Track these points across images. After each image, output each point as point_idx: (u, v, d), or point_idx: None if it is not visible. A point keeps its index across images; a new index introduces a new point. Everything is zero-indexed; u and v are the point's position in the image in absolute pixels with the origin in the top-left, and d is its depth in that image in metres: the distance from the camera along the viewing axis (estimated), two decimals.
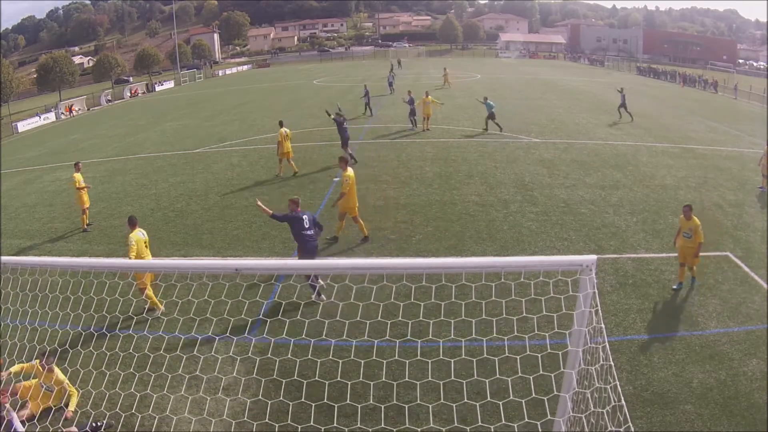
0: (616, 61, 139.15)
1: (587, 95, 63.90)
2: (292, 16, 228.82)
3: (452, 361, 10.83)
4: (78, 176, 22.57)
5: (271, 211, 15.78)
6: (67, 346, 11.16)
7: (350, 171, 19.32)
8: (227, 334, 12.68)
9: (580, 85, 78.42)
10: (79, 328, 12.48)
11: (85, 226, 22.77)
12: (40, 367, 10.75)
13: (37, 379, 10.82)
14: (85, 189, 22.58)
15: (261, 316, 13.93)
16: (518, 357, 10.25)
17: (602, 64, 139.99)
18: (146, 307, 14.95)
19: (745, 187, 25.39)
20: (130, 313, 13.96)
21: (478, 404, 9.49)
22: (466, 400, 9.77)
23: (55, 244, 21.47)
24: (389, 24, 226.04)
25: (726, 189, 25.00)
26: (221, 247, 19.63)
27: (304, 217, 15.51)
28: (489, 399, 9.60)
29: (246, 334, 13.07)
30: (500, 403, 9.24)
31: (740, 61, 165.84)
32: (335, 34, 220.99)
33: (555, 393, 6.95)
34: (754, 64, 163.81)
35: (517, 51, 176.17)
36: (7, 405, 10.07)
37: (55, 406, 10.70)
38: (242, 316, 13.20)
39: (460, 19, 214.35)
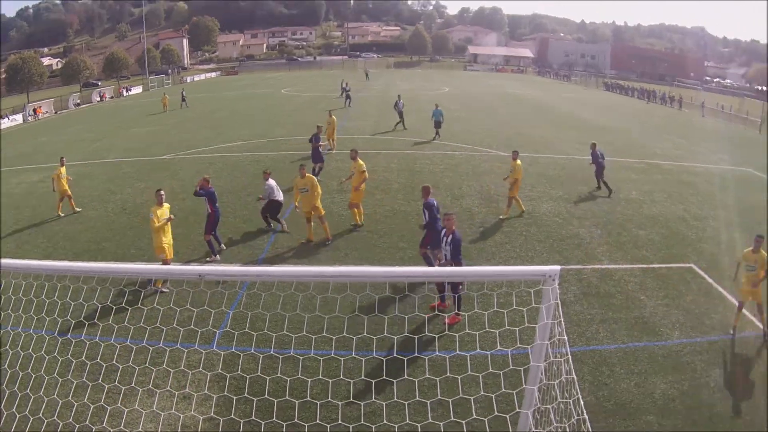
0: (583, 77, 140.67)
1: (553, 110, 64.46)
2: (262, 23, 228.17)
3: (416, 380, 10.73)
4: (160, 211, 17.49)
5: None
6: (30, 351, 10.85)
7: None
8: (194, 345, 12.48)
9: (547, 100, 79.08)
10: (43, 332, 12.19)
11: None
12: None
13: None
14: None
15: (227, 327, 13.70)
16: (481, 375, 10.22)
17: (569, 79, 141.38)
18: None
19: (709, 201, 25.65)
20: (95, 320, 13.69)
21: (442, 424, 9.42)
22: (430, 420, 9.69)
23: (21, 247, 21.02)
24: (358, 34, 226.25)
25: (690, 203, 25.28)
26: (185, 254, 19.37)
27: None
28: (452, 419, 9.54)
29: (213, 347, 12.87)
30: (463, 422, 9.16)
31: (707, 78, 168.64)
32: (304, 43, 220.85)
33: (517, 410, 6.88)
34: (722, 81, 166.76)
35: (486, 64, 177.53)
36: None
37: None
38: (209, 326, 12.97)
39: (429, 30, 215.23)
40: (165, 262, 16.54)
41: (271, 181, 21.14)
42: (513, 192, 22.65)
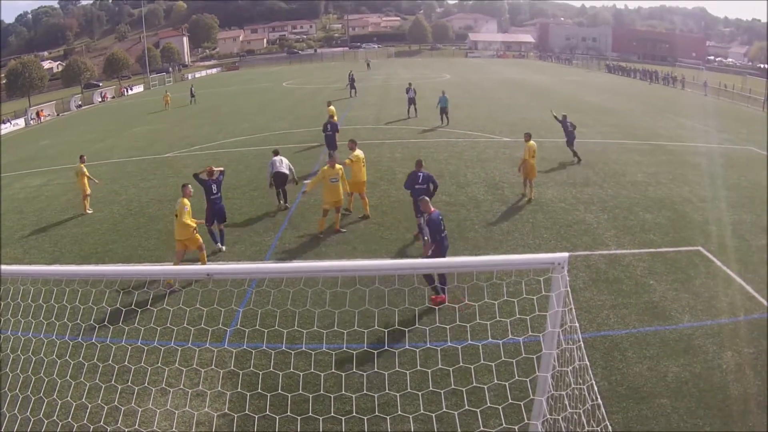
0: (585, 60, 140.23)
1: (556, 94, 64.32)
2: (261, 19, 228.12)
3: (429, 371, 10.75)
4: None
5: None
6: (42, 355, 10.88)
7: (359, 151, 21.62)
8: (206, 344, 12.47)
9: (550, 84, 78.90)
10: (53, 337, 12.23)
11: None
12: None
13: None
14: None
15: (237, 325, 13.69)
16: (494, 363, 10.20)
17: (570, 63, 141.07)
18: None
19: (715, 182, 25.55)
20: (105, 322, 13.72)
21: (456, 413, 9.45)
22: (444, 410, 9.72)
23: (28, 252, 20.98)
24: (358, 25, 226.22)
25: (696, 184, 25.16)
26: (193, 252, 19.36)
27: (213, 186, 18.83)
28: (467, 407, 9.55)
29: (224, 344, 12.86)
30: (477, 410, 9.16)
31: (709, 57, 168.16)
32: (304, 36, 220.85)
33: (531, 397, 6.88)
34: (724, 60, 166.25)
35: (487, 51, 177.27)
36: None
37: None
38: (219, 325, 12.97)
39: (429, 19, 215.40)
40: (200, 248, 16.95)
41: (274, 158, 22.52)
42: (528, 174, 22.83)
